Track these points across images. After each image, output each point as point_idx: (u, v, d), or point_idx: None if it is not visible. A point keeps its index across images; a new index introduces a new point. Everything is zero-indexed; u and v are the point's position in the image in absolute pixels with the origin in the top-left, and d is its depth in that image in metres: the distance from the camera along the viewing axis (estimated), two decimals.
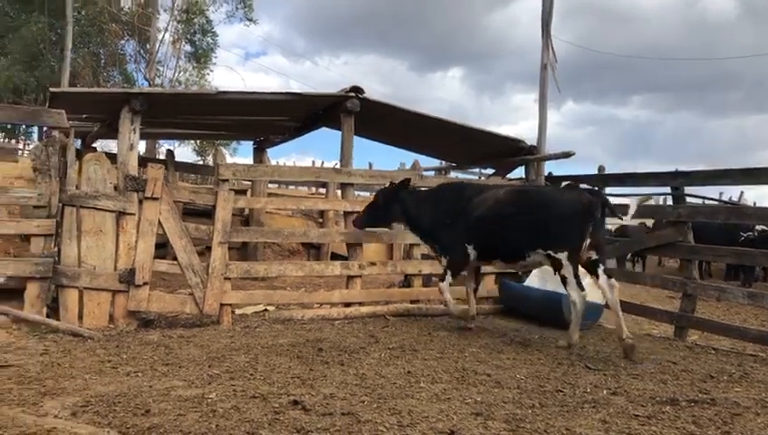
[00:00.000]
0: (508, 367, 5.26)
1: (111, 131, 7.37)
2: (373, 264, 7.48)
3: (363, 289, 7.42)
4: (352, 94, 7.25)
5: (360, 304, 7.32)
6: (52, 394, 4.10)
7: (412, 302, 7.58)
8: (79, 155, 6.51)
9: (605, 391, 4.58)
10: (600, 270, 6.01)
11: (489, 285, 8.14)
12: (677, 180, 7.13)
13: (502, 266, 7.05)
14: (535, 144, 8.80)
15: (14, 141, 25.56)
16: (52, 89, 6.38)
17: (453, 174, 11.76)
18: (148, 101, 6.37)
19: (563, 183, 6.80)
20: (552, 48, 8.12)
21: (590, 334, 6.88)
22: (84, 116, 7.57)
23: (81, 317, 6.06)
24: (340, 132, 7.67)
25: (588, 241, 5.94)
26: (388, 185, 7.08)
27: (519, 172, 9.21)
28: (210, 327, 6.50)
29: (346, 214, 7.39)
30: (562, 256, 5.96)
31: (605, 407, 4.20)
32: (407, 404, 4.11)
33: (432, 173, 11.50)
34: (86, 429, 3.54)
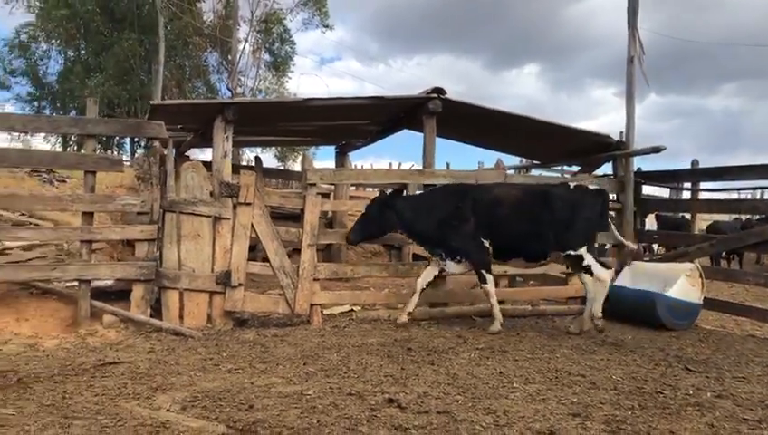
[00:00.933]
0: (602, 368, 5.15)
1: (204, 140, 7.72)
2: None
3: (448, 290, 7.43)
4: (434, 95, 7.28)
5: (445, 304, 7.34)
6: (162, 389, 4.36)
7: (499, 302, 7.50)
8: (174, 164, 6.87)
9: (709, 394, 4.42)
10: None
11: (577, 285, 7.95)
12: None
13: (522, 266, 7.16)
14: (622, 139, 8.53)
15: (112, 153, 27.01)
16: (151, 102, 6.77)
17: (535, 172, 11.58)
18: (239, 111, 6.65)
19: (571, 184, 6.96)
20: (640, 40, 7.85)
21: (688, 335, 6.61)
22: (179, 126, 7.97)
23: (181, 317, 6.39)
24: (416, 133, 7.71)
25: None
26: (378, 194, 6.99)
27: (605, 168, 8.99)
28: (301, 327, 6.70)
29: None
30: (582, 251, 6.56)
31: (710, 410, 4.04)
32: (501, 404, 4.11)
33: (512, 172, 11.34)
34: (196, 422, 3.75)
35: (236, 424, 3.72)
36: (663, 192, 11.53)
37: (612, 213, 8.72)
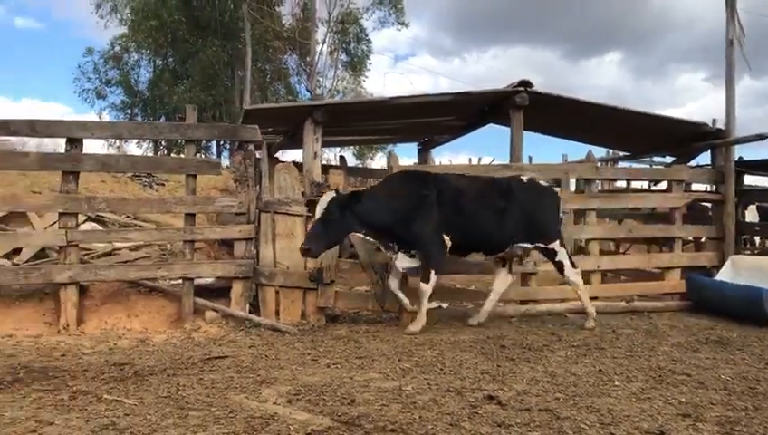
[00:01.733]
0: (709, 367, 4.95)
1: (293, 142, 7.95)
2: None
3: (539, 286, 7.33)
4: (521, 88, 7.19)
5: (536, 301, 7.24)
6: (266, 383, 4.53)
7: (591, 299, 7.33)
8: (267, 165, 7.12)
9: None
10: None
11: (674, 281, 7.66)
12: None
13: (480, 260, 6.90)
14: (717, 126, 8.14)
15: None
16: (245, 107, 7.05)
17: (623, 164, 11.20)
18: (328, 112, 6.80)
19: (524, 177, 6.77)
20: (739, 21, 7.45)
21: None
22: (270, 129, 8.24)
23: (277, 313, 6.62)
24: (491, 128, 7.61)
25: None
26: (332, 194, 6.06)
27: (701, 159, 8.60)
28: (391, 323, 6.79)
29: None
30: (554, 245, 6.52)
31: None
32: (604, 402, 4.03)
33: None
34: (303, 415, 3.88)
35: (341, 417, 3.81)
36: (766, 182, 10.88)
37: (710, 205, 8.36)
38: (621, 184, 12.02)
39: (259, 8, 26.05)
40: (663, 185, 9.72)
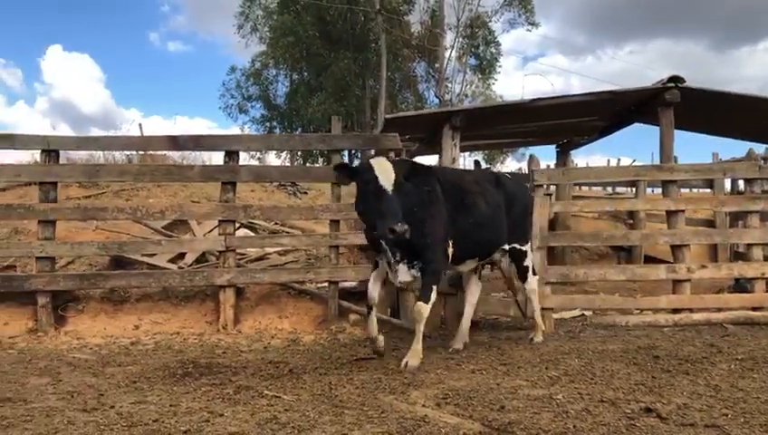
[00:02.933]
0: None
1: (429, 148, 8.04)
2: (704, 266, 6.86)
3: (694, 294, 6.86)
4: (671, 85, 6.79)
5: (690, 310, 6.78)
6: (413, 386, 4.61)
7: (754, 309, 6.77)
8: None
9: None
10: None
11: None
12: None
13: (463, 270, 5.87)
14: None
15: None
16: (386, 116, 7.27)
17: None
18: (466, 117, 6.82)
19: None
20: None
21: None
22: (407, 136, 8.41)
23: None
24: (631, 127, 7.20)
25: None
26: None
27: None
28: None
29: (669, 213, 6.90)
30: (527, 247, 6.01)
31: None
32: None
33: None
34: (453, 419, 3.91)
35: (491, 423, 3.80)
36: None
37: None
38: None
39: (389, 18, 26.68)
40: None
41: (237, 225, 8.10)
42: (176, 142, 6.80)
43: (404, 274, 5.10)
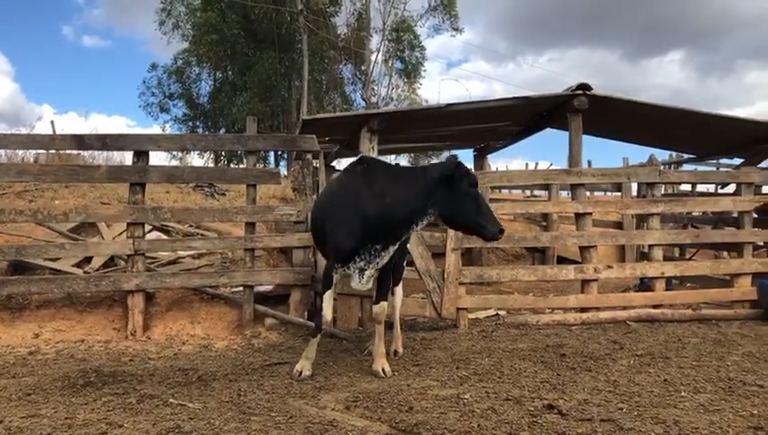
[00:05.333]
0: None
1: (350, 150, 8.04)
2: (610, 267, 7.17)
3: (601, 294, 7.16)
4: (580, 92, 7.06)
5: (597, 309, 7.07)
6: (325, 389, 4.59)
7: (654, 307, 7.13)
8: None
9: None
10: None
11: (744, 288, 7.34)
12: None
13: None
14: None
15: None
16: (303, 117, 7.20)
17: (689, 167, 10.82)
18: (384, 120, 6.86)
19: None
20: None
21: None
22: (327, 139, 8.38)
23: (335, 320, 6.67)
24: (547, 132, 7.49)
25: None
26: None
27: None
28: (448, 331, 6.75)
29: (578, 216, 7.17)
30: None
31: None
32: (670, 414, 3.90)
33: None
34: (361, 422, 3.91)
35: (399, 425, 3.82)
36: None
37: None
38: (686, 187, 11.63)
39: (315, 20, 26.53)
40: (731, 188, 9.33)
41: (149, 227, 7.84)
42: (81, 141, 6.49)
43: (371, 280, 5.07)
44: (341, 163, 12.38)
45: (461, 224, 4.92)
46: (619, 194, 12.45)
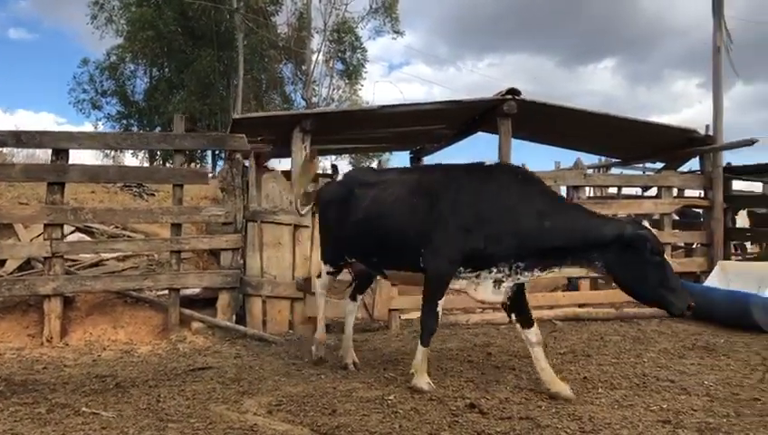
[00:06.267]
0: (693, 373, 4.94)
1: (284, 151, 7.93)
2: None
3: (528, 293, 7.29)
4: (509, 96, 7.19)
5: None
6: (249, 394, 4.51)
7: (580, 306, 7.34)
8: (256, 174, 7.10)
9: None
10: None
11: None
12: None
13: None
14: (708, 133, 8.14)
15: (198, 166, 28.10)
16: (234, 116, 7.05)
17: (616, 171, 11.18)
18: (317, 121, 6.81)
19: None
20: (726, 28, 7.47)
21: None
22: (259, 138, 8.24)
23: (264, 323, 6.59)
24: (491, 136, 7.62)
25: None
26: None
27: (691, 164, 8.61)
28: (380, 332, 6.76)
29: None
30: None
31: None
32: (586, 410, 4.02)
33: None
34: (282, 426, 3.86)
35: (320, 428, 3.80)
36: (756, 187, 10.88)
37: (700, 210, 8.38)
38: (614, 190, 12.03)
39: (255, 18, 26.14)
40: (654, 191, 9.71)
41: (72, 229, 7.53)
42: None
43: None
44: (280, 164, 12.24)
45: (639, 293, 4.40)
46: None
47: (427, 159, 11.13)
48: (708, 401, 4.20)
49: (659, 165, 9.74)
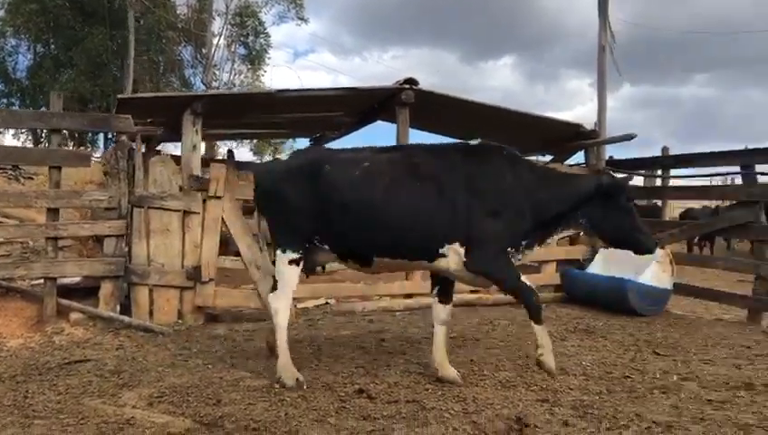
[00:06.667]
0: (573, 354, 5.20)
1: (176, 134, 7.60)
2: None
3: (424, 280, 7.42)
4: (407, 86, 7.24)
5: (422, 294, 7.32)
6: (129, 386, 4.30)
7: (472, 292, 7.54)
8: (144, 158, 6.77)
9: (675, 377, 4.48)
10: None
11: (549, 273, 8.02)
12: (753, 158, 6.87)
13: None
14: (596, 128, 8.59)
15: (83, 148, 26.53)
16: (119, 96, 6.66)
17: None
18: (209, 103, 6.55)
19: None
20: (610, 28, 7.88)
21: (658, 320, 6.69)
22: (149, 120, 7.85)
23: (151, 313, 6.29)
24: (390, 125, 7.66)
25: None
26: None
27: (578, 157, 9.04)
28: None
29: None
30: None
31: (676, 392, 4.10)
32: (471, 392, 4.13)
33: None
34: (162, 418, 3.70)
35: (203, 419, 3.68)
36: (638, 180, 11.62)
37: None
38: None
39: None
40: None
41: None
42: None
43: None
44: (168, 147, 11.74)
45: (617, 239, 4.70)
46: None
47: (328, 146, 11.04)
48: (584, 380, 4.43)
49: (549, 157, 10.18)
